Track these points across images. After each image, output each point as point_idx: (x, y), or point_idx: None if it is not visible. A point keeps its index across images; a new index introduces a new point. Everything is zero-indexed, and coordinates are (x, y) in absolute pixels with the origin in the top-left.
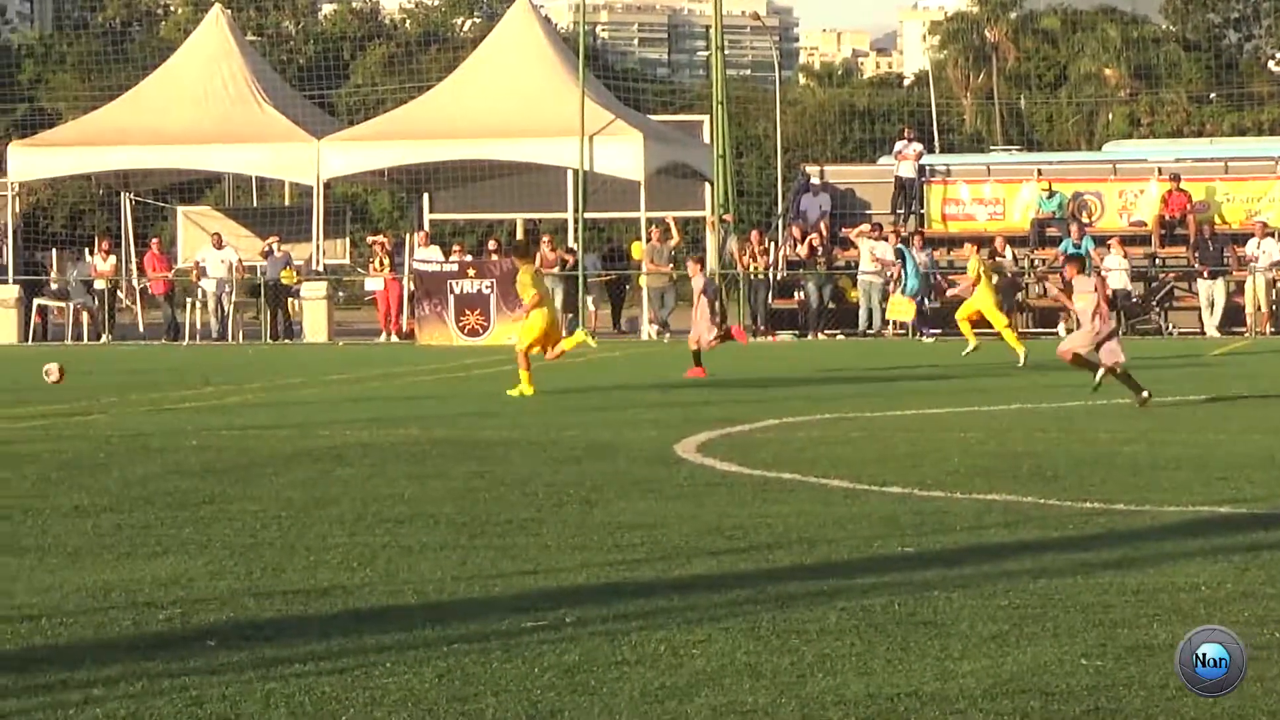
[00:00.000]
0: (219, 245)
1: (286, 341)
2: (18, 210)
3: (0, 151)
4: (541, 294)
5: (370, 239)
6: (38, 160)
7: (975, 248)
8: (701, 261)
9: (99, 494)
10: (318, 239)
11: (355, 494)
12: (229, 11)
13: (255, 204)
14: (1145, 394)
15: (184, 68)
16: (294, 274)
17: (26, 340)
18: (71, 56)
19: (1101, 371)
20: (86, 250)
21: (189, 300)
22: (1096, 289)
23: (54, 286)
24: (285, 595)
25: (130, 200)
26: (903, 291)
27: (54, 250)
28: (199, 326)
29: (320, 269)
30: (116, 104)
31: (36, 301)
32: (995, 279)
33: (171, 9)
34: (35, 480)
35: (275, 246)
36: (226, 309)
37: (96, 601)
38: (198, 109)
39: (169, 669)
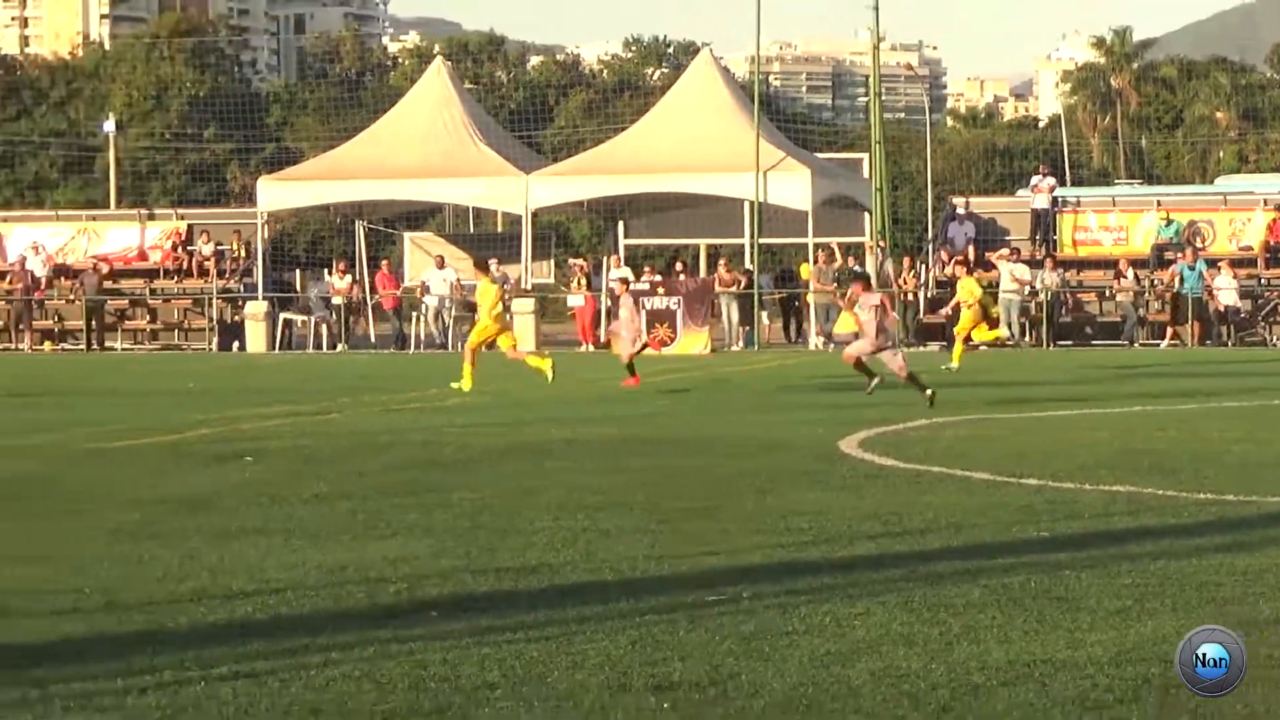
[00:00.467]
0: (441, 266)
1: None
2: (267, 236)
3: (252, 185)
4: (495, 302)
5: (571, 261)
6: (284, 193)
7: (966, 270)
8: (626, 282)
9: (336, 483)
10: (526, 261)
11: (559, 484)
12: (449, 63)
13: (472, 230)
14: (930, 392)
15: (410, 112)
16: (503, 291)
17: (274, 349)
18: (313, 102)
19: (876, 381)
20: (325, 270)
21: (414, 314)
22: (877, 308)
23: (298, 302)
24: (498, 572)
25: (363, 227)
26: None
27: (297, 271)
28: (423, 337)
29: (528, 287)
30: (352, 143)
31: (283, 315)
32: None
33: (399, 60)
34: (282, 471)
35: (494, 266)
36: (447, 321)
37: (334, 577)
38: (422, 148)
39: (397, 636)
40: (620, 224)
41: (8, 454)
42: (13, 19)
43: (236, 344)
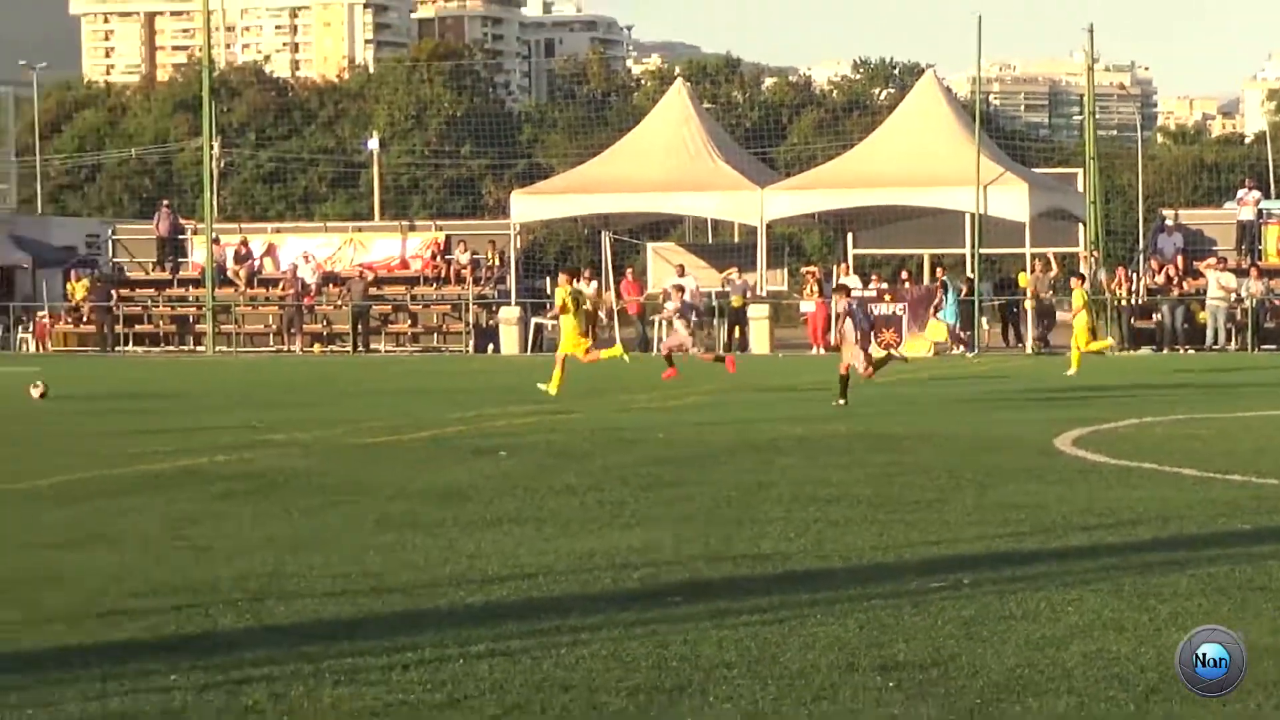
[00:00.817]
0: (682, 274)
1: (736, 353)
2: (519, 246)
3: (505, 198)
4: (568, 307)
5: (804, 269)
6: (535, 205)
7: (1080, 280)
8: (682, 290)
9: (584, 476)
10: (761, 269)
11: (791, 478)
12: (689, 84)
13: (710, 241)
14: (843, 402)
15: (652, 130)
16: (742, 298)
17: (526, 351)
18: (562, 121)
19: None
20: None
21: (656, 319)
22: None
23: (548, 307)
24: (735, 559)
25: (609, 237)
26: (941, 317)
27: (547, 278)
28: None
29: (763, 294)
30: (598, 159)
31: (534, 320)
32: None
33: (642, 81)
34: (534, 465)
35: (736, 274)
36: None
37: (582, 563)
38: (663, 163)
39: (640, 618)
40: (849, 234)
41: (281, 449)
42: (284, 45)
43: (491, 346)
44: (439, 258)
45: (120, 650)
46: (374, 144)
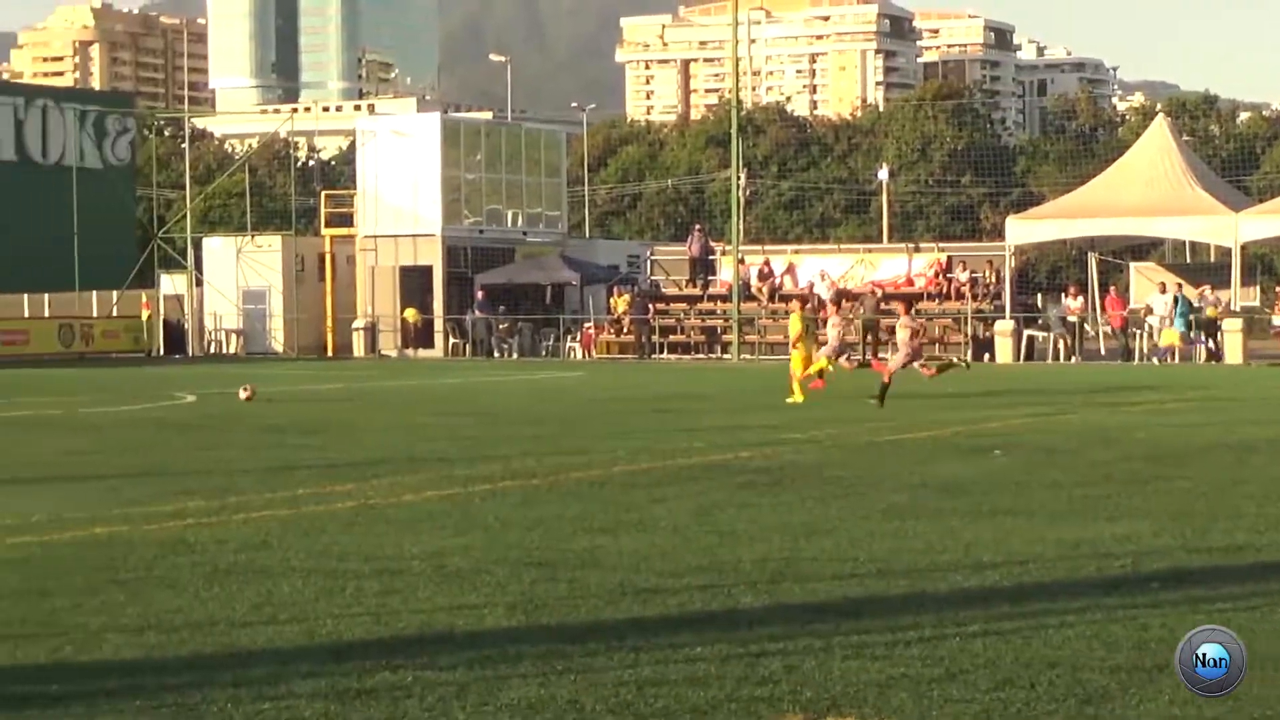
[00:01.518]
0: (1163, 291)
1: (1212, 363)
2: (1014, 265)
3: (1001, 223)
4: (801, 332)
5: (1277, 287)
6: (1028, 229)
7: None
8: (837, 304)
9: (1071, 472)
10: (1235, 287)
11: (1263, 476)
12: (1170, 119)
13: (1188, 260)
14: (878, 402)
15: (1135, 160)
16: (1215, 311)
17: (1018, 360)
18: (1053, 153)
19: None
20: (1062, 294)
21: (1138, 332)
22: (909, 326)
23: (1039, 320)
24: (1210, 550)
25: (1095, 257)
26: (1173, 325)
27: (1039, 294)
28: (1145, 351)
29: (1237, 309)
30: (1086, 187)
31: (1026, 332)
32: None
33: (1126, 117)
34: (1025, 462)
35: (1210, 290)
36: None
37: (1069, 551)
38: (1145, 190)
39: (1122, 603)
40: None
41: (798, 445)
42: (804, 86)
43: (987, 355)
44: (941, 276)
45: (651, 624)
46: (884, 174)
